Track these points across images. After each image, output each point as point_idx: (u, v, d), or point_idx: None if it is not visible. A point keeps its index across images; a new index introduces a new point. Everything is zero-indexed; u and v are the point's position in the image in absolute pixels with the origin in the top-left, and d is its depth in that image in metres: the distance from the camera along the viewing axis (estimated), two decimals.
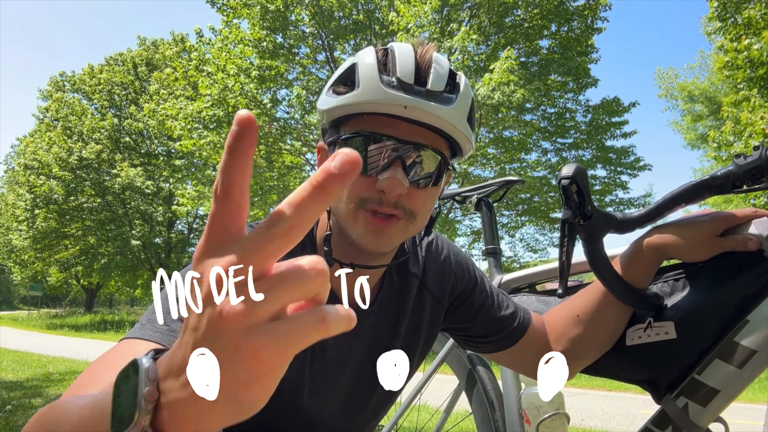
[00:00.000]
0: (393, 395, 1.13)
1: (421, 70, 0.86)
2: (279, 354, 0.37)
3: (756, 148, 0.86)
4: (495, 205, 1.86)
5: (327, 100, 0.90)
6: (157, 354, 0.44)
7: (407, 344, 1.07)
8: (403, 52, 0.87)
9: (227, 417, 0.39)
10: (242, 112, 0.38)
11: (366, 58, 0.88)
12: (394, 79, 0.84)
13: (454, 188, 1.93)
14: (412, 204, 0.88)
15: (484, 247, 1.79)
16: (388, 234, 0.87)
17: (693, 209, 1.07)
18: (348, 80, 0.89)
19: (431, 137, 0.87)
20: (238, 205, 0.39)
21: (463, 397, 1.74)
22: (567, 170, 0.92)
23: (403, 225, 0.88)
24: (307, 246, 0.97)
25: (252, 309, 0.36)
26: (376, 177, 0.86)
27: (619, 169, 13.35)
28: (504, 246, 16.23)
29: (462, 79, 0.91)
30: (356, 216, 0.87)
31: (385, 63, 0.87)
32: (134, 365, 0.42)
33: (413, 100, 0.83)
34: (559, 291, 0.98)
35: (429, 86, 0.84)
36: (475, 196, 1.84)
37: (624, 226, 0.98)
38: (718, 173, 0.90)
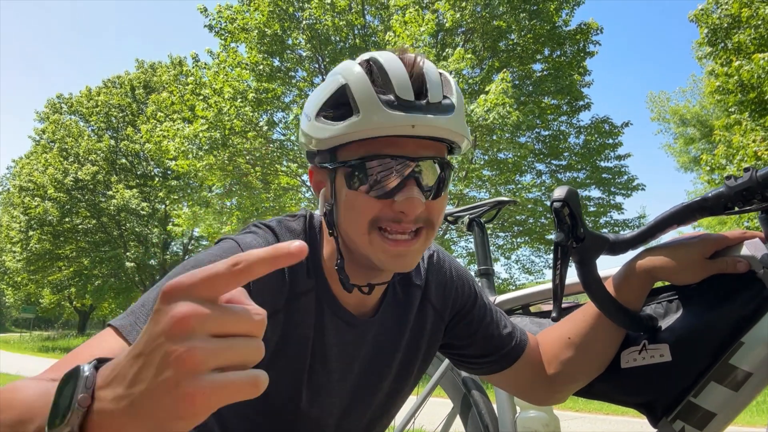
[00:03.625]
0: (391, 408, 1.11)
1: (417, 82, 0.84)
2: (211, 402, 0.42)
3: (746, 169, 0.86)
4: (490, 226, 1.86)
5: (321, 128, 0.86)
6: (99, 363, 0.50)
7: (408, 356, 1.06)
8: (391, 66, 0.84)
9: (132, 427, 0.45)
10: (302, 246, 0.45)
11: (356, 77, 0.84)
12: (392, 98, 0.81)
13: (447, 209, 1.93)
14: (431, 215, 0.88)
15: (476, 268, 1.78)
16: (414, 253, 0.88)
17: (687, 230, 1.07)
18: (339, 103, 0.85)
19: (437, 147, 0.87)
20: (238, 284, 0.45)
21: (458, 420, 1.71)
22: (559, 193, 0.92)
23: (424, 238, 0.89)
24: (312, 272, 0.95)
25: (205, 359, 0.42)
26: (389, 199, 0.84)
27: (612, 189, 13.44)
28: (500, 268, 16.22)
29: (450, 80, 0.90)
30: (370, 240, 0.86)
31: (377, 79, 0.84)
32: (76, 371, 0.48)
33: (420, 118, 0.80)
34: (554, 315, 0.97)
35: (429, 99, 0.83)
36: (467, 216, 1.84)
37: (616, 247, 0.98)
38: (710, 195, 0.90)
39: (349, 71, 0.85)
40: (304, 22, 12.18)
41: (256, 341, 0.47)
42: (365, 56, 0.88)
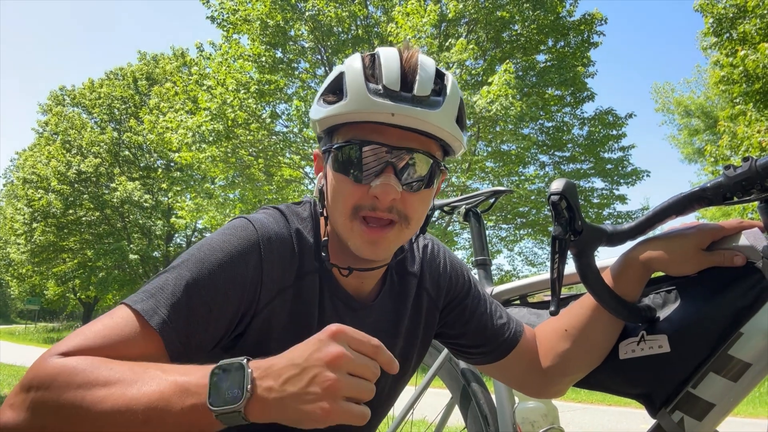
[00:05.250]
0: (391, 397, 1.13)
1: (408, 76, 0.87)
2: (336, 419, 0.64)
3: (746, 159, 0.85)
4: (492, 218, 1.85)
5: (318, 110, 0.92)
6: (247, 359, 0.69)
7: (407, 344, 1.08)
8: (388, 57, 0.88)
9: (286, 421, 0.66)
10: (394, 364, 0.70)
11: (353, 66, 0.89)
12: (380, 87, 0.86)
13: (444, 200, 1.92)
14: (406, 208, 0.90)
15: (474, 258, 1.78)
16: (384, 243, 0.90)
17: (689, 220, 1.06)
18: (337, 89, 0.90)
19: (421, 141, 0.89)
20: (373, 355, 0.70)
21: (456, 410, 1.72)
22: (556, 186, 0.91)
23: (398, 230, 0.91)
24: (317, 255, 0.98)
25: (343, 390, 0.65)
26: (368, 185, 0.88)
27: (616, 178, 13.39)
28: (502, 260, 16.30)
29: (449, 79, 0.92)
30: (352, 227, 0.90)
31: (372, 70, 0.88)
32: (239, 365, 0.68)
33: (400, 107, 0.84)
34: (552, 308, 0.96)
35: (415, 92, 0.86)
36: (464, 206, 1.83)
37: (614, 238, 0.97)
38: (708, 185, 0.89)
39: (350, 61, 0.91)
40: (306, 13, 12.12)
41: (371, 385, 0.68)
42: (376, 50, 0.93)
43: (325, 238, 0.96)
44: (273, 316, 0.92)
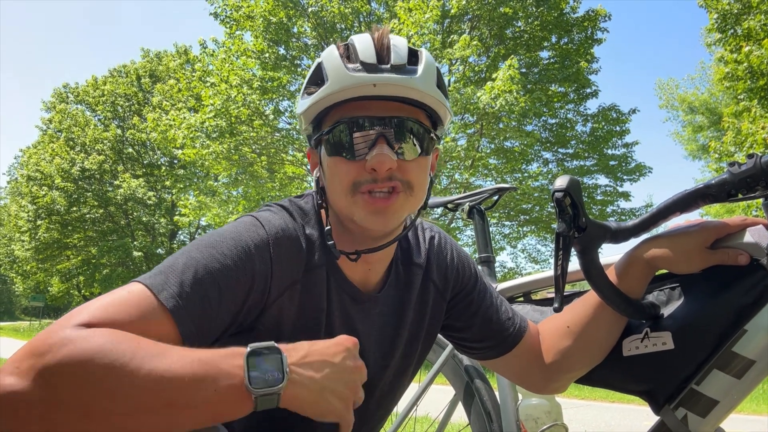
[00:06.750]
0: (396, 390, 1.13)
1: (383, 50, 0.89)
2: (348, 417, 0.78)
3: (750, 156, 0.85)
4: (496, 215, 1.85)
5: (302, 103, 0.94)
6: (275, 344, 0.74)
7: (412, 334, 1.08)
8: (361, 39, 0.92)
9: (312, 409, 0.74)
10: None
11: (329, 53, 0.91)
12: (358, 64, 0.88)
13: (448, 197, 1.92)
14: (406, 175, 0.91)
15: (477, 256, 1.78)
16: (391, 211, 0.91)
17: (693, 217, 1.06)
18: (318, 79, 0.92)
19: (408, 110, 0.91)
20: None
21: (460, 407, 1.72)
22: (560, 182, 0.90)
23: (403, 198, 0.91)
24: (313, 247, 0.97)
25: (358, 392, 0.80)
26: (364, 159, 0.89)
27: (619, 175, 13.36)
28: (506, 257, 16.26)
29: (424, 52, 0.94)
30: (354, 202, 0.90)
31: (348, 54, 0.91)
32: (275, 349, 0.73)
33: (380, 77, 0.86)
34: (556, 305, 0.96)
35: (392, 62, 0.88)
36: (467, 203, 1.83)
37: (619, 235, 0.97)
38: (713, 182, 0.89)
39: (327, 52, 0.93)
40: (309, 10, 12.12)
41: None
42: (349, 39, 0.95)
43: (328, 227, 0.96)
44: (283, 310, 0.92)
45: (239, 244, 0.87)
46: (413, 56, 0.92)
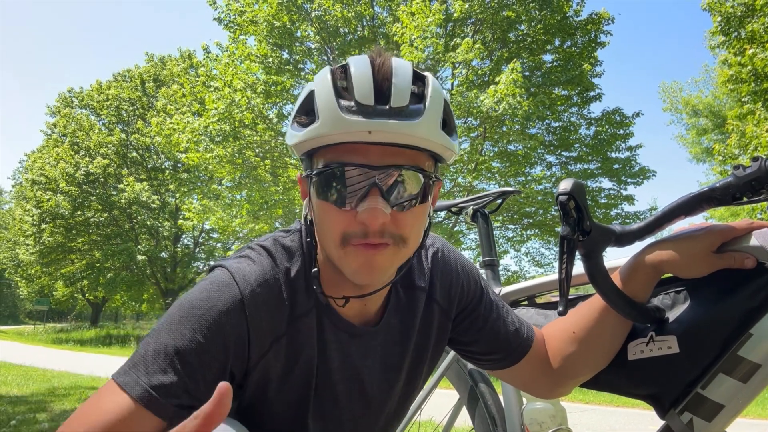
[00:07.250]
0: (402, 414, 1.12)
1: (382, 86, 0.79)
2: None
3: (755, 159, 0.84)
4: (499, 218, 1.85)
5: (292, 135, 0.85)
6: None
7: (416, 359, 1.05)
8: (359, 68, 0.80)
9: None
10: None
11: (322, 84, 0.81)
12: (352, 103, 0.78)
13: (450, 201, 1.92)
14: (399, 229, 0.83)
15: (481, 259, 1.77)
16: (380, 266, 0.83)
17: (698, 220, 1.05)
18: (309, 109, 0.83)
19: (408, 155, 0.81)
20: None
21: (464, 411, 1.72)
22: (564, 186, 0.89)
23: (393, 251, 0.84)
24: (310, 290, 0.93)
25: None
26: (353, 210, 0.80)
27: (623, 177, 13.33)
28: (509, 260, 16.25)
29: (430, 82, 0.83)
30: (346, 254, 0.83)
31: (344, 84, 0.81)
32: None
33: (376, 123, 0.76)
34: (560, 309, 0.95)
35: (392, 103, 0.78)
36: (471, 207, 1.82)
37: (623, 239, 0.97)
38: (717, 185, 0.89)
39: (319, 77, 0.83)
40: (313, 14, 12.15)
41: None
42: (347, 61, 0.85)
43: (315, 269, 0.90)
44: (270, 367, 0.89)
45: (208, 313, 0.81)
46: (419, 85, 0.82)
